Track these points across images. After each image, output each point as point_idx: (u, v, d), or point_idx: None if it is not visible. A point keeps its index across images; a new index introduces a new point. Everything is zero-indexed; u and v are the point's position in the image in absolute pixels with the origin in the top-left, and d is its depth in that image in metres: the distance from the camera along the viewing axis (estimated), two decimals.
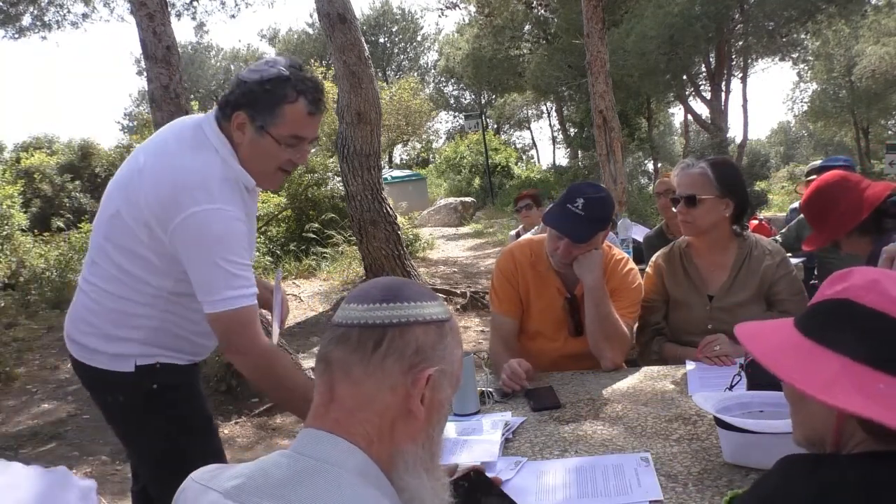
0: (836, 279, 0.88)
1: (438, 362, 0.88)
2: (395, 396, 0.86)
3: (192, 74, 35.12)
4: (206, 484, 0.86)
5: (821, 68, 27.92)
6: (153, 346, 1.70)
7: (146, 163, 1.65)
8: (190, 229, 1.54)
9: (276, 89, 1.59)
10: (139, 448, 1.83)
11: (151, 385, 1.71)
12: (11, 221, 9.92)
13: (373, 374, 0.85)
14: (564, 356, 2.25)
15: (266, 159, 1.66)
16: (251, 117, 1.61)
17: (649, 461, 1.45)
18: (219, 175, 1.59)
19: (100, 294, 1.68)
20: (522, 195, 5.58)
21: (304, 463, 0.81)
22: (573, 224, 2.06)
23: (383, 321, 0.87)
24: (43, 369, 5.99)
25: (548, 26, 21.92)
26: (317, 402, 0.89)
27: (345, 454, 0.82)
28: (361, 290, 0.92)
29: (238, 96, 1.61)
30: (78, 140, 16.25)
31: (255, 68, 1.63)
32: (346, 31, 6.61)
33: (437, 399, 0.89)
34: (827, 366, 0.81)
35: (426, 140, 32.88)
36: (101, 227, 1.70)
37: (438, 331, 0.90)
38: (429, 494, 0.87)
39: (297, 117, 1.62)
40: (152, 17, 4.84)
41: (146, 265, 1.63)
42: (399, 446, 0.86)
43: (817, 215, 2.15)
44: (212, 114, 1.69)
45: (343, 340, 0.87)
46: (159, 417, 1.74)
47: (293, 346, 5.48)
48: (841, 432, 0.84)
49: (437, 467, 0.92)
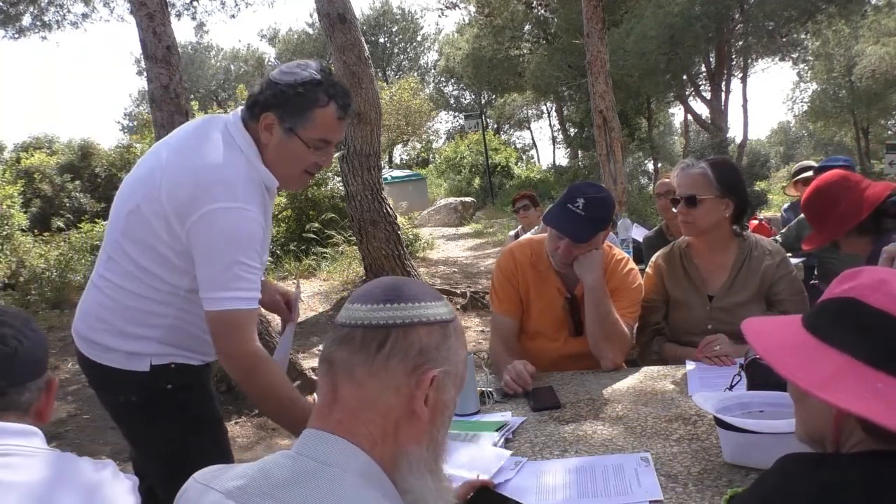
0: (845, 278, 0.88)
1: (443, 363, 0.88)
2: (398, 397, 0.85)
3: (192, 74, 35.12)
4: (208, 484, 0.86)
5: (821, 68, 27.93)
6: (169, 346, 1.70)
7: (168, 159, 1.64)
8: (208, 225, 1.53)
9: (309, 93, 1.59)
10: (148, 448, 1.82)
11: (166, 385, 1.71)
12: (11, 221, 9.91)
13: (376, 375, 0.85)
14: (564, 356, 2.25)
15: (293, 161, 1.66)
16: (281, 118, 1.61)
17: (649, 461, 1.45)
18: (244, 175, 1.59)
19: (115, 290, 1.67)
20: (520, 196, 5.58)
21: (305, 464, 0.81)
22: (573, 224, 2.06)
23: (387, 322, 0.86)
24: None
25: (548, 26, 21.93)
26: (320, 402, 0.88)
27: (347, 456, 0.82)
28: (365, 290, 0.91)
29: (268, 97, 1.61)
30: (78, 140, 16.23)
31: (287, 70, 1.63)
32: (346, 31, 6.61)
33: (441, 400, 0.89)
34: (828, 364, 0.81)
35: (426, 140, 32.89)
36: (119, 223, 1.68)
37: (443, 331, 0.89)
38: (432, 496, 0.87)
39: (328, 121, 1.63)
40: (152, 17, 4.84)
41: (164, 262, 1.62)
42: (403, 447, 0.86)
43: (817, 215, 2.15)
44: (237, 113, 1.69)
45: (347, 341, 0.87)
46: (171, 418, 1.73)
47: (293, 345, 5.48)
48: (840, 430, 0.84)
49: (440, 469, 0.91)
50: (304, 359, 5.48)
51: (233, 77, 37.56)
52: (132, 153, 14.72)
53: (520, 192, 5.72)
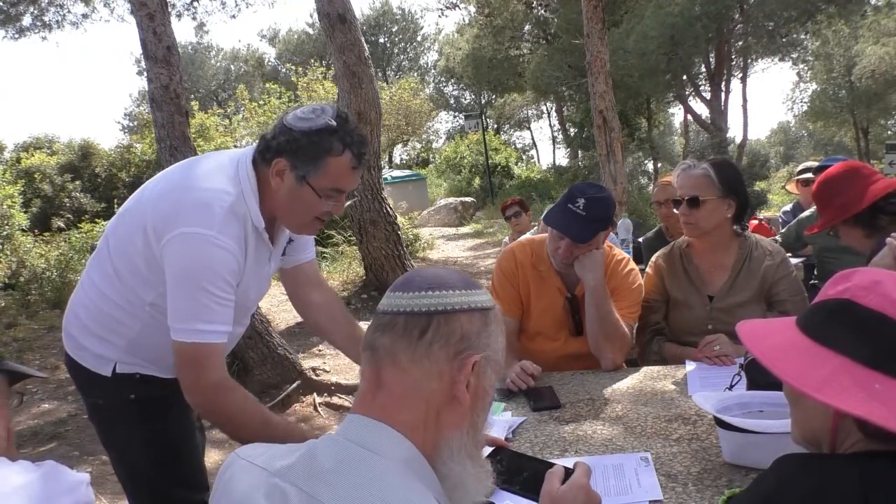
0: (839, 279, 0.89)
1: (483, 349, 0.90)
2: (441, 383, 0.87)
3: (192, 74, 35.10)
4: (252, 461, 0.88)
5: (820, 68, 27.91)
6: (135, 357, 1.67)
7: (172, 171, 1.65)
8: (178, 247, 1.49)
9: (323, 141, 1.53)
10: (111, 453, 1.81)
11: (129, 395, 1.68)
12: (12, 221, 9.91)
13: (419, 361, 0.86)
14: (565, 356, 2.25)
15: (304, 209, 1.60)
16: (293, 165, 1.54)
17: (649, 461, 1.45)
18: (227, 205, 1.53)
19: (94, 291, 1.67)
20: (509, 203, 5.51)
21: (351, 450, 0.83)
22: (574, 224, 2.06)
23: (429, 308, 0.88)
24: (43, 369, 5.98)
25: (548, 26, 21.93)
26: (363, 388, 0.90)
27: (391, 443, 0.84)
28: (406, 279, 0.93)
29: (282, 143, 1.55)
30: (78, 140, 16.24)
31: (302, 116, 1.56)
32: (346, 31, 6.61)
33: (481, 386, 0.91)
34: (824, 365, 0.82)
35: (426, 140, 32.90)
36: (111, 222, 1.70)
37: (483, 318, 0.91)
38: (472, 480, 0.89)
39: (341, 170, 1.56)
40: (152, 18, 4.84)
41: (134, 270, 1.59)
42: (444, 433, 0.88)
43: (822, 199, 2.17)
44: (251, 150, 1.64)
45: (389, 328, 0.89)
46: (133, 430, 1.70)
47: (293, 345, 5.47)
48: (837, 431, 0.84)
49: (480, 454, 0.93)
50: (304, 359, 5.47)
51: (233, 77, 37.56)
52: (132, 153, 14.74)
53: (509, 199, 5.68)
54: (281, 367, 5.03)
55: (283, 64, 33.79)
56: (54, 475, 1.09)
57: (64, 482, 1.09)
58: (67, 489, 1.09)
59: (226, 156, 1.66)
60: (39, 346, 6.63)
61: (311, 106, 1.60)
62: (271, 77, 29.83)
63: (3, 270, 8.92)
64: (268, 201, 1.60)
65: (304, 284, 1.94)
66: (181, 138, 4.88)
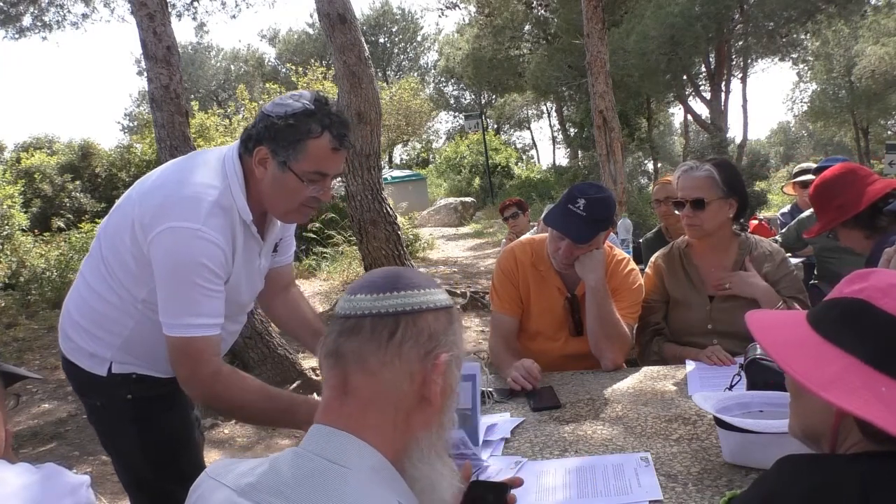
0: (856, 278, 0.88)
1: (450, 347, 0.90)
2: (412, 384, 0.86)
3: (192, 74, 35.06)
4: (220, 479, 0.86)
5: (820, 68, 27.91)
6: (130, 356, 1.67)
7: (159, 169, 1.65)
8: (165, 244, 1.49)
9: (300, 124, 1.51)
10: (111, 454, 1.81)
11: (126, 395, 1.68)
12: (12, 221, 9.92)
13: (390, 363, 0.86)
14: (565, 356, 2.25)
15: (288, 195, 1.59)
16: (273, 152, 1.54)
17: (649, 461, 1.45)
18: (213, 199, 1.53)
19: (88, 290, 1.67)
20: (507, 203, 5.53)
21: (314, 463, 0.81)
22: (575, 225, 2.06)
23: (395, 309, 0.87)
24: (43, 369, 5.99)
25: (548, 26, 21.91)
26: (328, 395, 0.88)
27: (356, 453, 0.82)
28: (366, 281, 0.92)
29: (261, 130, 1.55)
30: (78, 140, 16.22)
31: (279, 102, 1.56)
32: (346, 31, 6.60)
33: (449, 384, 0.90)
34: (832, 363, 0.81)
35: (426, 140, 32.90)
36: (103, 221, 1.70)
37: (447, 316, 0.91)
38: (442, 480, 0.88)
39: (321, 153, 1.54)
40: (152, 18, 4.84)
41: (124, 267, 1.59)
42: (414, 434, 0.87)
43: (821, 202, 2.17)
44: (237, 144, 1.64)
45: (355, 332, 0.87)
46: (131, 430, 1.70)
47: (293, 345, 5.47)
48: (838, 431, 0.84)
49: (447, 453, 0.93)
50: (304, 359, 5.47)
51: (233, 77, 37.53)
52: (132, 153, 14.73)
53: (507, 200, 5.69)
54: (281, 367, 5.03)
55: (284, 64, 33.76)
56: (54, 477, 1.09)
57: (64, 484, 1.09)
58: (68, 491, 1.08)
59: (212, 152, 1.67)
60: (39, 347, 6.63)
61: (290, 93, 1.60)
62: (271, 77, 29.85)
63: (4, 270, 8.92)
64: (255, 193, 1.60)
65: (276, 285, 1.93)
66: (181, 138, 4.88)
